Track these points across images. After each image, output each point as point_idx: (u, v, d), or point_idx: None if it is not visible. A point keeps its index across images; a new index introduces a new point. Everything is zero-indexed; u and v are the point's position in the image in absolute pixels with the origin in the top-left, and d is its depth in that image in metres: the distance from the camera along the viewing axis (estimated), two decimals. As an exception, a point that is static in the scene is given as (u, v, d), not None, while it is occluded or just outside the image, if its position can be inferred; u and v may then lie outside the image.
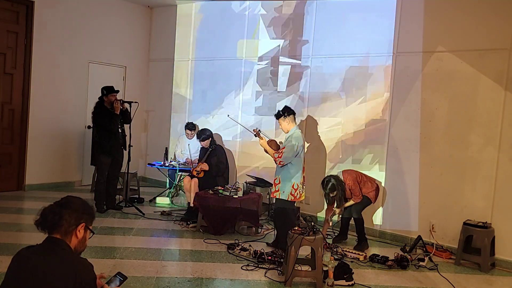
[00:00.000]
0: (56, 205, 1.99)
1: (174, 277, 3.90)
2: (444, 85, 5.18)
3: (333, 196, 4.92)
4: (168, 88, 8.15)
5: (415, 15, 5.37)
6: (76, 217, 1.99)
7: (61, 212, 1.96)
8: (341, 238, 5.24)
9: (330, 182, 4.90)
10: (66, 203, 2.00)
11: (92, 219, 2.09)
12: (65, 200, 2.02)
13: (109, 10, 7.77)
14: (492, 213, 4.83)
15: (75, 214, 1.99)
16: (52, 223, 1.94)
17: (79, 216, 2.01)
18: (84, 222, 2.02)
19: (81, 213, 2.02)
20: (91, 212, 2.09)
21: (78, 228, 2.00)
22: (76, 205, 2.02)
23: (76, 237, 2.00)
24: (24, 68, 6.80)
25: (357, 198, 4.98)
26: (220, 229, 5.27)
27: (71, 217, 1.97)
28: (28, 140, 6.86)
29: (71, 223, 1.97)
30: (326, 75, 6.14)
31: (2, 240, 4.55)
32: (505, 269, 4.71)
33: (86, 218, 2.04)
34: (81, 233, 2.01)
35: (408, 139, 5.40)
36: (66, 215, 1.96)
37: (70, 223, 1.97)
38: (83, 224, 2.02)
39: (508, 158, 4.75)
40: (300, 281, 3.95)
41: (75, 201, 2.04)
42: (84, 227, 2.03)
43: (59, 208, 1.97)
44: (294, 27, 6.49)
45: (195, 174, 6.00)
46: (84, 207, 2.05)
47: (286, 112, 4.76)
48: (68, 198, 2.04)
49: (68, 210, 1.97)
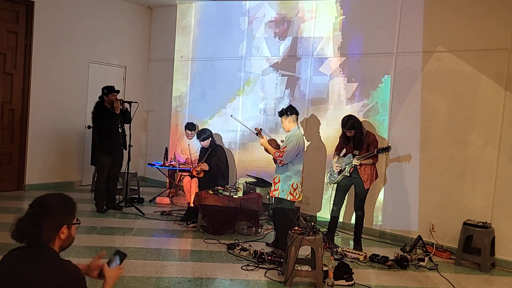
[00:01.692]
0: (33, 213, 1.82)
1: (174, 277, 3.90)
2: (444, 85, 5.18)
3: (351, 136, 4.94)
4: (168, 88, 8.16)
5: (415, 15, 5.37)
6: (57, 221, 1.85)
7: (40, 222, 1.80)
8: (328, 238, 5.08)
9: (351, 120, 4.92)
10: (42, 209, 1.83)
11: (73, 215, 1.94)
12: (40, 205, 1.84)
13: (109, 10, 7.77)
14: (492, 213, 4.83)
15: (55, 219, 1.84)
16: (32, 235, 1.81)
17: (60, 219, 1.86)
18: (66, 223, 1.88)
19: (61, 216, 1.87)
20: (71, 209, 1.94)
21: (60, 231, 1.87)
22: (54, 209, 1.85)
23: (60, 238, 1.88)
24: (24, 68, 6.79)
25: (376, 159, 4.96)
26: (220, 229, 5.27)
27: (51, 224, 1.83)
28: (28, 140, 6.86)
29: (52, 229, 1.84)
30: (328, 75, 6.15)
31: (2, 240, 4.55)
32: (505, 269, 4.71)
33: (67, 218, 1.90)
34: (65, 234, 1.88)
35: (408, 139, 5.40)
36: (45, 223, 1.81)
37: (51, 230, 1.84)
38: (65, 225, 1.88)
39: (508, 158, 4.75)
40: (300, 281, 3.95)
41: (51, 203, 1.87)
42: (67, 227, 1.89)
43: (36, 217, 1.81)
44: (294, 27, 6.49)
45: (195, 174, 6.00)
46: (62, 207, 1.89)
47: (289, 111, 4.78)
48: (43, 202, 1.86)
49: (47, 218, 1.82)
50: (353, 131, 4.93)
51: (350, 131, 4.94)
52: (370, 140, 4.96)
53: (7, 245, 4.41)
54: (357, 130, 4.93)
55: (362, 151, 4.94)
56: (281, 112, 4.84)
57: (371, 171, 4.98)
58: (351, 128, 4.92)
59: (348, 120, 4.94)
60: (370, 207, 5.42)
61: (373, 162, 4.98)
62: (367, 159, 4.91)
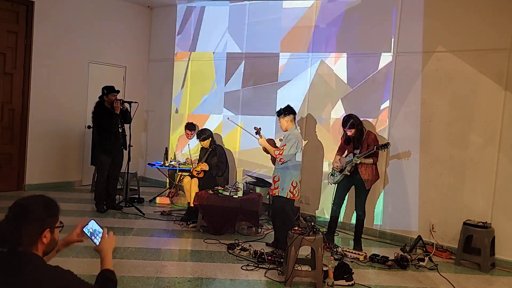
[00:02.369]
0: (12, 217, 1.72)
1: (174, 277, 3.90)
2: (444, 85, 5.18)
3: (351, 135, 4.94)
4: (168, 88, 8.16)
5: (415, 15, 5.37)
6: (38, 226, 1.74)
7: (19, 227, 1.69)
8: (328, 238, 5.07)
9: (351, 119, 4.93)
10: (22, 213, 1.72)
11: (56, 217, 1.83)
12: (20, 209, 1.73)
13: (109, 10, 7.77)
14: (492, 213, 4.83)
15: (35, 224, 1.73)
16: (11, 241, 1.70)
17: (41, 224, 1.75)
18: (48, 227, 1.77)
19: (42, 220, 1.76)
20: (54, 211, 1.82)
21: (42, 235, 1.75)
22: (35, 213, 1.74)
23: (43, 243, 1.77)
24: (24, 68, 6.80)
25: (376, 159, 4.97)
26: (220, 229, 5.27)
27: (31, 229, 1.72)
28: (28, 140, 6.86)
29: (32, 235, 1.73)
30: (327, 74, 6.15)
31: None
32: (505, 269, 4.71)
33: (49, 221, 1.78)
34: (47, 238, 1.77)
35: (408, 139, 5.40)
36: (24, 229, 1.70)
37: (32, 235, 1.73)
38: (48, 229, 1.77)
39: (508, 158, 4.75)
40: (300, 281, 3.95)
41: (32, 207, 1.75)
42: (50, 231, 1.78)
43: (15, 222, 1.70)
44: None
45: (195, 174, 6.00)
46: (43, 211, 1.77)
47: (286, 111, 4.79)
48: (23, 205, 1.75)
49: (26, 223, 1.71)
50: (353, 130, 4.93)
51: (351, 130, 4.94)
52: (370, 140, 4.96)
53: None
54: (357, 129, 4.93)
55: (362, 150, 4.94)
56: (278, 112, 4.85)
57: (372, 171, 4.98)
58: (351, 127, 4.92)
59: (348, 119, 4.95)
60: (370, 207, 5.41)
61: (374, 162, 4.97)
62: (368, 158, 4.90)
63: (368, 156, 4.89)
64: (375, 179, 5.05)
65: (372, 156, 4.92)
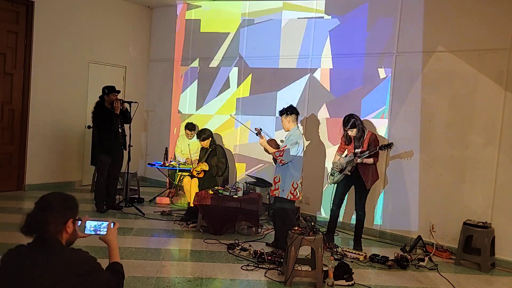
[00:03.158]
0: (38, 209, 1.95)
1: (174, 277, 3.91)
2: (444, 85, 5.18)
3: (353, 135, 4.94)
4: (168, 88, 8.16)
5: (415, 15, 5.37)
6: (62, 216, 1.97)
7: (45, 217, 1.92)
8: (328, 238, 5.06)
9: (352, 119, 4.93)
10: (47, 205, 1.96)
11: (76, 210, 2.07)
12: (45, 202, 1.97)
13: (109, 10, 7.77)
14: (492, 213, 4.83)
15: (59, 213, 1.96)
16: (39, 229, 1.92)
17: (64, 214, 1.98)
18: (70, 217, 2.00)
19: (65, 210, 1.99)
20: (74, 204, 2.06)
21: (66, 225, 1.98)
22: (58, 205, 1.98)
23: (67, 232, 1.99)
24: (24, 68, 6.80)
25: (376, 159, 4.97)
26: (220, 229, 5.27)
27: (56, 218, 1.94)
28: (28, 140, 6.86)
29: (58, 223, 1.95)
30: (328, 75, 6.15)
31: (2, 240, 4.55)
32: (505, 269, 4.71)
33: (71, 213, 2.02)
34: (71, 228, 2.00)
35: (408, 139, 5.40)
36: (51, 218, 1.93)
37: (57, 224, 1.95)
38: (71, 219, 2.00)
39: (508, 158, 4.75)
40: (300, 281, 3.95)
41: (55, 200, 1.99)
42: (72, 221, 2.01)
43: (42, 213, 1.93)
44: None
45: (195, 174, 6.00)
46: (65, 203, 2.01)
47: (288, 111, 4.79)
48: (47, 199, 1.99)
49: (52, 213, 1.94)
50: (355, 129, 4.93)
51: (352, 130, 4.94)
52: (371, 140, 4.96)
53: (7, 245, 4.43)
54: (358, 129, 4.93)
55: (362, 150, 4.93)
56: (281, 111, 4.85)
57: (372, 171, 4.98)
58: (353, 127, 4.92)
59: (349, 119, 4.95)
60: (370, 207, 5.41)
61: (374, 162, 4.97)
62: (368, 158, 4.90)
63: (369, 156, 4.89)
64: (375, 179, 5.04)
65: (373, 156, 4.92)
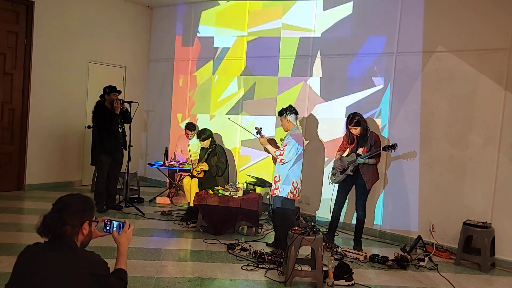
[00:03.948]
0: (56, 211, 1.97)
1: (174, 277, 3.90)
2: (444, 85, 5.18)
3: (356, 133, 4.93)
4: (168, 88, 8.16)
5: (415, 15, 5.37)
6: (78, 217, 1.99)
7: (62, 218, 1.95)
8: (328, 237, 5.09)
9: (357, 116, 4.91)
10: (64, 206, 1.98)
11: (93, 212, 2.09)
12: (62, 204, 1.99)
13: (109, 10, 7.77)
14: (492, 213, 4.83)
15: (76, 215, 1.98)
16: (56, 230, 1.95)
17: (81, 215, 2.00)
18: (87, 219, 2.03)
19: (82, 212, 2.01)
20: (91, 206, 2.09)
21: (83, 226, 2.01)
22: (75, 206, 2.00)
23: (83, 234, 2.02)
24: (24, 68, 6.80)
25: (378, 159, 4.97)
26: (220, 229, 5.27)
27: (73, 220, 1.97)
28: (28, 140, 6.86)
29: (74, 225, 1.98)
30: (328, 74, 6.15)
31: (2, 240, 4.55)
32: (505, 269, 4.71)
33: (87, 214, 2.04)
34: (86, 230, 2.03)
35: (408, 139, 5.40)
36: (68, 219, 1.96)
37: (74, 226, 1.98)
38: (87, 221, 2.03)
39: (508, 158, 4.75)
40: (300, 281, 3.95)
41: (72, 201, 2.02)
42: (88, 223, 2.04)
43: (59, 214, 1.96)
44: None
45: (195, 174, 6.00)
46: (82, 204, 2.04)
47: (288, 111, 4.79)
48: (65, 201, 2.01)
49: (69, 214, 1.97)
50: (359, 128, 4.91)
51: (356, 128, 4.93)
52: (373, 140, 4.95)
53: (7, 245, 4.44)
54: (362, 127, 4.93)
55: (364, 150, 4.93)
56: (280, 112, 4.85)
57: (373, 172, 4.98)
58: (357, 125, 4.91)
59: (354, 117, 4.93)
60: (370, 207, 5.41)
61: (376, 163, 4.97)
62: (371, 159, 4.90)
63: (371, 157, 4.89)
64: (376, 179, 5.04)
65: (375, 156, 4.92)
